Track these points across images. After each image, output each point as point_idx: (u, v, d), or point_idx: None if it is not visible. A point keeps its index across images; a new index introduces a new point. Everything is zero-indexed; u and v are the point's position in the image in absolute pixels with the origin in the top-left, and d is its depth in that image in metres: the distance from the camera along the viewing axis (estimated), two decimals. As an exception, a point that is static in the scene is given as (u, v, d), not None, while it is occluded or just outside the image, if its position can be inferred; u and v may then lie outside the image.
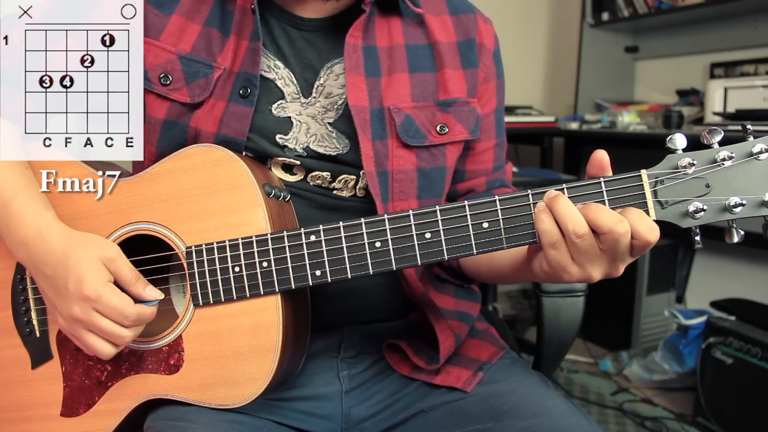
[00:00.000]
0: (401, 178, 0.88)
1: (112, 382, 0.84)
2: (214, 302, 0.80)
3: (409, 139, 0.88)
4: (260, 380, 0.78)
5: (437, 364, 0.89)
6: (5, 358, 0.88)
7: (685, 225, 0.70)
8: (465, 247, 0.73)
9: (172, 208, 0.81)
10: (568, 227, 0.67)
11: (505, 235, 0.72)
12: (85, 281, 0.76)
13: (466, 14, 0.98)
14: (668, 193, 0.69)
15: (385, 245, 0.75)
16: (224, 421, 0.80)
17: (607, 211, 0.66)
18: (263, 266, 0.78)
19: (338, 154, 0.88)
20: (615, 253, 0.68)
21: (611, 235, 0.66)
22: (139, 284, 0.79)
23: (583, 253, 0.68)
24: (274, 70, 0.88)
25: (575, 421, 0.79)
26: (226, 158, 0.80)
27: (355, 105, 0.86)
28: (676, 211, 0.69)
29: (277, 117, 0.87)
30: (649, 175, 0.70)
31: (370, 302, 0.93)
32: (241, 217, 0.79)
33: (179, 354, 0.81)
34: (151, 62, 0.86)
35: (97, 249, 0.78)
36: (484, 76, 0.96)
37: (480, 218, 0.72)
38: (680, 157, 0.69)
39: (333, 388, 0.91)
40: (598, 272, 0.70)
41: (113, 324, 0.76)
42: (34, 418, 0.87)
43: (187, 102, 0.85)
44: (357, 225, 0.75)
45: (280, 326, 0.78)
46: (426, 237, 0.74)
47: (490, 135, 1.00)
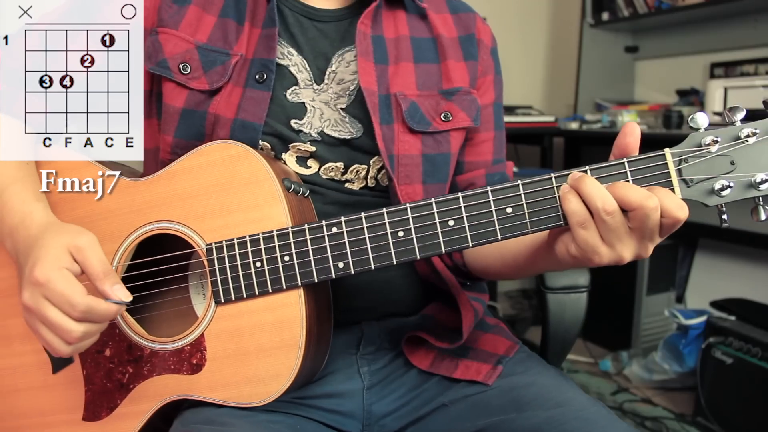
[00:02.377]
0: (406, 163, 0.90)
1: (134, 384, 0.83)
2: (236, 299, 0.79)
3: (414, 124, 0.90)
4: (285, 377, 0.78)
5: (460, 340, 0.89)
6: (26, 364, 0.87)
7: (711, 203, 0.69)
8: (489, 233, 0.72)
9: (191, 206, 0.81)
10: (597, 205, 0.66)
11: (530, 219, 0.71)
12: (39, 264, 0.71)
13: (465, 13, 1.02)
14: (693, 171, 0.68)
15: (408, 234, 0.74)
16: (261, 422, 0.79)
17: (634, 188, 0.66)
18: (285, 260, 0.77)
19: (352, 137, 0.89)
20: (644, 231, 0.67)
21: (641, 211, 0.65)
22: (107, 280, 0.73)
23: (613, 232, 0.67)
24: (287, 57, 0.89)
25: (596, 411, 0.79)
26: (244, 153, 0.80)
27: (367, 88, 0.88)
28: (702, 189, 0.68)
29: (292, 102, 0.88)
30: (673, 153, 0.69)
31: (386, 297, 0.93)
32: (261, 212, 0.79)
33: (201, 353, 0.80)
34: (171, 51, 0.87)
35: (68, 237, 0.74)
36: (482, 69, 0.99)
37: (503, 203, 0.72)
38: (703, 135, 0.68)
39: (354, 385, 0.91)
40: (628, 252, 0.69)
41: (60, 314, 0.71)
42: (56, 423, 0.86)
43: (205, 89, 0.86)
44: (379, 215, 0.75)
45: (303, 321, 0.77)
46: (449, 224, 0.73)
47: (489, 126, 1.01)
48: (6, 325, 0.88)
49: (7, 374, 0.88)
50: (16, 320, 0.87)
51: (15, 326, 0.88)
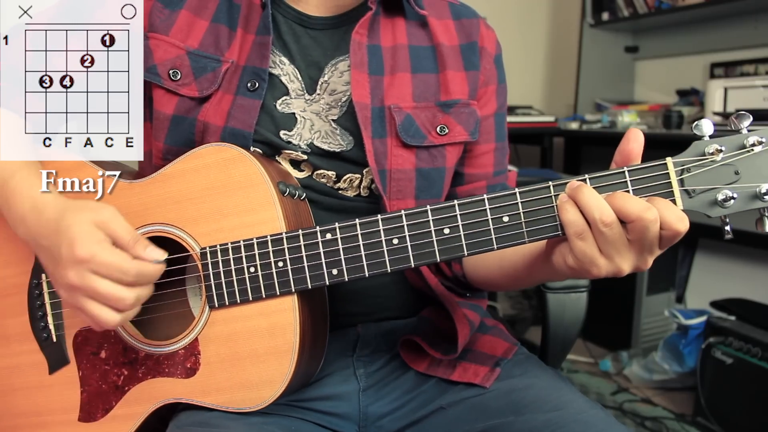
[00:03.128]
0: (399, 178, 0.88)
1: (129, 386, 0.83)
2: (229, 304, 0.79)
3: (408, 138, 0.89)
4: (278, 383, 0.78)
5: (455, 353, 0.89)
6: (23, 363, 0.88)
7: (714, 214, 0.67)
8: (485, 242, 0.72)
9: (186, 209, 0.81)
10: (594, 216, 0.65)
11: (526, 229, 0.70)
12: (77, 243, 0.72)
13: (469, 19, 0.99)
14: (696, 182, 0.67)
15: (402, 242, 0.74)
16: (255, 424, 0.79)
17: (633, 199, 0.65)
18: (279, 266, 0.77)
19: (342, 150, 0.88)
20: (643, 243, 0.66)
21: (639, 223, 0.64)
22: (138, 246, 0.75)
23: (610, 244, 0.66)
24: (279, 66, 0.88)
25: (595, 413, 0.79)
26: (239, 157, 0.80)
27: (359, 102, 0.86)
28: (705, 199, 0.67)
29: (282, 113, 0.87)
30: (675, 162, 0.67)
31: (382, 301, 0.93)
32: (256, 217, 0.79)
33: (196, 357, 0.81)
34: (161, 57, 0.86)
35: (91, 213, 0.75)
36: (485, 78, 0.97)
37: (500, 212, 0.71)
38: (707, 143, 0.67)
39: (350, 387, 0.91)
40: (627, 264, 0.68)
41: (112, 284, 0.72)
42: (52, 423, 0.86)
43: (195, 96, 0.86)
44: (374, 222, 0.75)
45: (297, 327, 0.77)
46: (445, 232, 0.73)
47: (489, 138, 0.99)
48: (4, 324, 0.89)
49: (5, 374, 0.89)
50: (14, 320, 0.88)
51: (13, 326, 0.88)
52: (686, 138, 2.43)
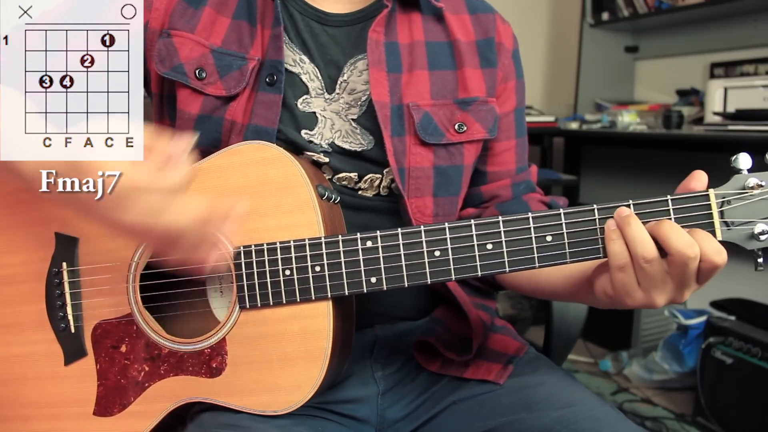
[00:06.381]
0: (418, 176, 0.88)
1: (149, 382, 0.81)
2: (261, 305, 0.77)
3: (427, 136, 0.88)
4: (307, 388, 0.77)
5: (469, 354, 0.90)
6: (37, 352, 0.85)
7: (750, 247, 0.70)
8: (527, 260, 0.72)
9: (220, 206, 0.79)
10: (637, 251, 0.67)
11: (569, 250, 0.71)
12: None
13: (485, 14, 0.98)
14: (734, 214, 0.69)
15: (444, 254, 0.73)
16: (284, 426, 0.78)
17: (679, 232, 0.66)
18: (316, 270, 0.76)
19: (363, 150, 0.87)
20: (682, 278, 0.68)
21: (680, 258, 0.66)
22: None
23: (650, 278, 0.68)
24: (299, 64, 0.87)
25: (606, 410, 0.81)
26: (279, 157, 0.78)
27: (378, 101, 0.86)
28: (742, 232, 0.69)
29: (303, 112, 0.86)
30: (716, 194, 0.69)
31: (397, 301, 0.93)
32: (293, 219, 0.77)
33: (222, 357, 0.79)
34: (187, 56, 0.85)
35: None
36: (503, 75, 0.96)
37: (543, 231, 0.71)
38: (747, 177, 0.69)
39: (370, 390, 0.91)
40: (662, 298, 0.70)
41: None
42: (65, 415, 0.84)
43: (222, 95, 0.85)
44: (416, 232, 0.74)
45: (330, 333, 0.76)
46: (488, 248, 0.72)
47: (510, 135, 0.99)
48: (18, 311, 0.86)
49: (18, 362, 0.86)
50: (29, 307, 0.86)
51: (27, 313, 0.86)
52: (686, 138, 2.46)
